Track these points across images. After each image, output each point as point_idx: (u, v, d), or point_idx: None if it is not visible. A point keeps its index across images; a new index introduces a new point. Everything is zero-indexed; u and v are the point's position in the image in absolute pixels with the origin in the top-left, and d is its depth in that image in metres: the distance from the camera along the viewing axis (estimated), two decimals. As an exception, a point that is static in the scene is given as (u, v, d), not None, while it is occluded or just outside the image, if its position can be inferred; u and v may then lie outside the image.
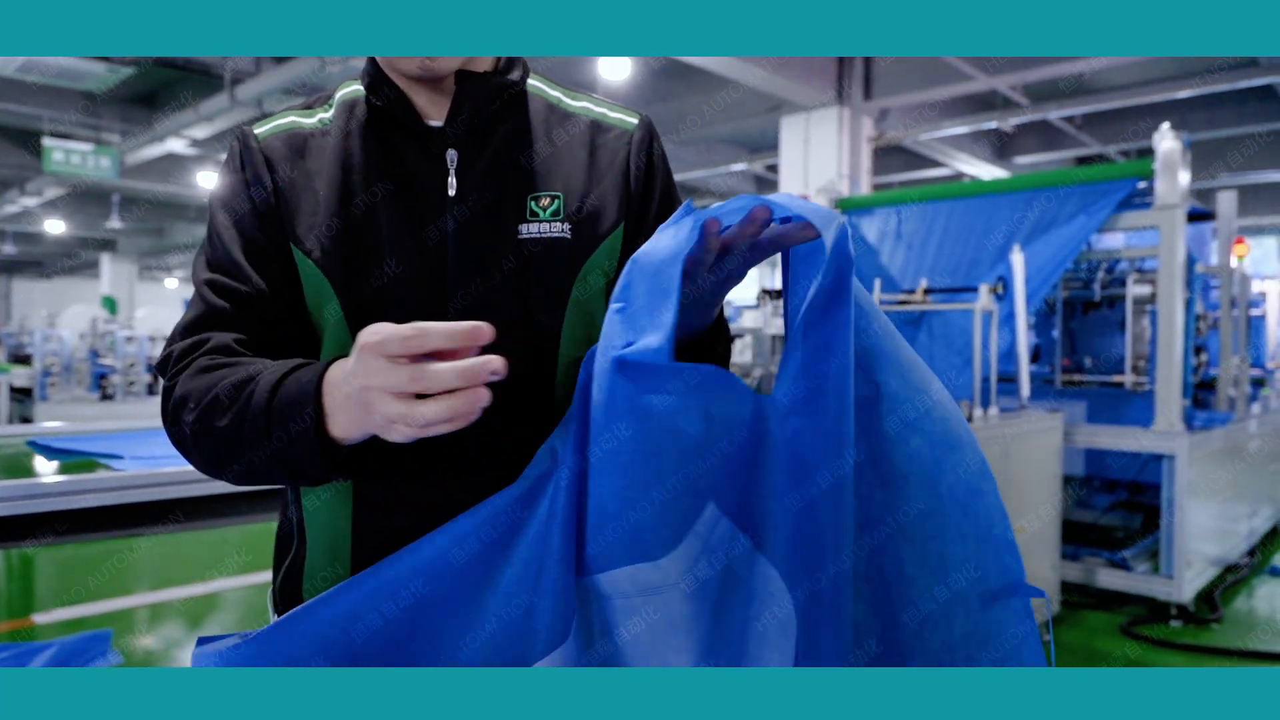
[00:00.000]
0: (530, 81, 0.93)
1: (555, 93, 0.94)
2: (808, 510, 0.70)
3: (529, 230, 0.85)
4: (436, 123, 0.87)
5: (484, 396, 0.62)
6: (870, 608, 0.74)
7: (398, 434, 0.64)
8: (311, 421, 0.68)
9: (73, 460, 1.64)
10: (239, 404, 0.72)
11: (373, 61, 0.88)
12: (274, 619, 0.82)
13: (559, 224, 0.86)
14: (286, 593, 0.87)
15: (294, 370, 0.72)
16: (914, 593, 0.74)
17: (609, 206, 0.88)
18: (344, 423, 0.68)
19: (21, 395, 5.84)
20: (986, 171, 10.15)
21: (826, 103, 7.36)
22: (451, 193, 0.84)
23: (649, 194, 0.92)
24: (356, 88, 0.89)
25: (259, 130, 0.87)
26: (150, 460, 1.53)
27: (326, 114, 0.89)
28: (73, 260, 22.77)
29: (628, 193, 0.90)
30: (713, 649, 0.71)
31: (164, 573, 4.38)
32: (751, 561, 0.72)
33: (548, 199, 0.86)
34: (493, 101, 0.87)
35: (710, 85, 8.19)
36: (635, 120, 0.94)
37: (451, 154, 0.85)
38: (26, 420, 5.71)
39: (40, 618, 3.66)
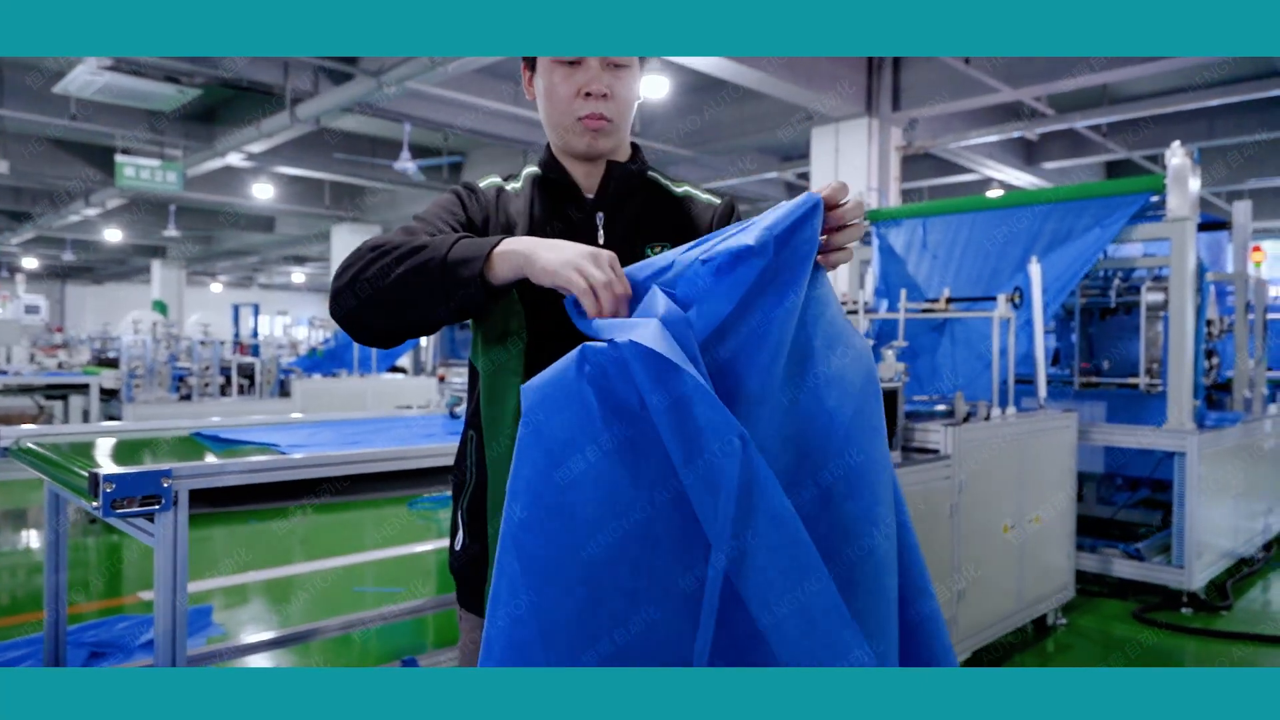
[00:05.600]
0: (649, 172, 1.35)
1: (665, 181, 1.37)
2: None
3: None
4: (590, 195, 1.29)
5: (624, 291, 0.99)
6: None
7: (571, 273, 0.98)
8: (482, 262, 1.03)
9: (237, 449, 1.99)
10: (424, 249, 1.07)
11: (549, 151, 1.31)
12: (461, 536, 1.23)
13: None
14: (473, 511, 1.25)
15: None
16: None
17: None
18: (502, 268, 1.02)
19: (108, 396, 6.34)
20: (1014, 177, 10.33)
21: (856, 114, 7.64)
22: (601, 241, 1.25)
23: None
24: (535, 168, 1.33)
25: (481, 183, 1.31)
26: (305, 446, 1.90)
27: (516, 184, 1.32)
28: (124, 266, 23.58)
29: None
30: None
31: (257, 556, 4.79)
32: None
33: (659, 247, 1.26)
34: (628, 181, 1.29)
35: (742, 98, 8.51)
36: (719, 200, 1.36)
37: (600, 215, 1.27)
38: (113, 418, 6.20)
39: (146, 594, 4.08)
